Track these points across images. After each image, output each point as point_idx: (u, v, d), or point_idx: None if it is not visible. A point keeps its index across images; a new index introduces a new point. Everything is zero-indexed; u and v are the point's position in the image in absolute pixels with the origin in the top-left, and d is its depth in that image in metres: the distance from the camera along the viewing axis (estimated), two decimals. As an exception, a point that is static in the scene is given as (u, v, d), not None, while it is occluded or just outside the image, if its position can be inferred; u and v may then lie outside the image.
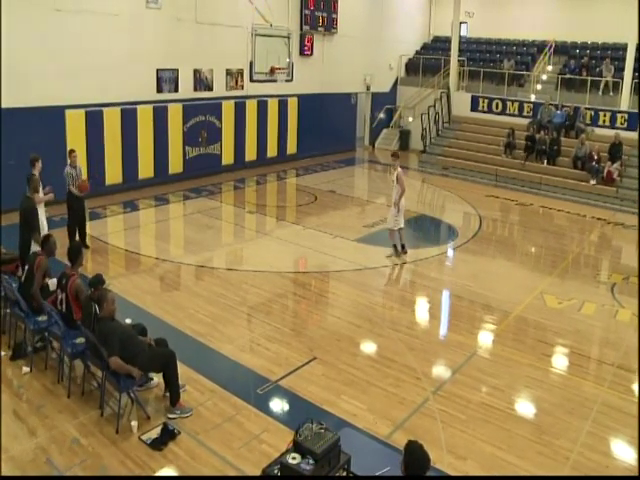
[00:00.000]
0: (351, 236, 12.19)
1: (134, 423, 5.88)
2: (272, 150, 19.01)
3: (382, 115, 23.80)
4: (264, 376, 6.92)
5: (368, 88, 22.88)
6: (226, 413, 6.19)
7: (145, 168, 15.28)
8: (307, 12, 19.32)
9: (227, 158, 17.56)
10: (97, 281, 6.50)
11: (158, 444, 5.66)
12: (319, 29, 19.94)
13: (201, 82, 16.54)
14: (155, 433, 5.80)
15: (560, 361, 7.96)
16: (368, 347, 7.94)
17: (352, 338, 8.03)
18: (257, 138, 18.37)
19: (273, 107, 18.68)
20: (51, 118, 13.02)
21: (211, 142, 16.96)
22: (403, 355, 7.61)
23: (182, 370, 6.45)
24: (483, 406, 6.61)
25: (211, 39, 16.35)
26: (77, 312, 6.68)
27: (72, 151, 10.74)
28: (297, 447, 4.78)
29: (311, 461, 4.64)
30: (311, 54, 19.84)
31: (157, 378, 6.50)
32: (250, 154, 18.24)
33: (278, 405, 6.52)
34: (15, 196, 9.19)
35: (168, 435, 5.79)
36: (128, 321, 7.32)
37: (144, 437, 5.73)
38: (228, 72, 17.22)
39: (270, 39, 15.99)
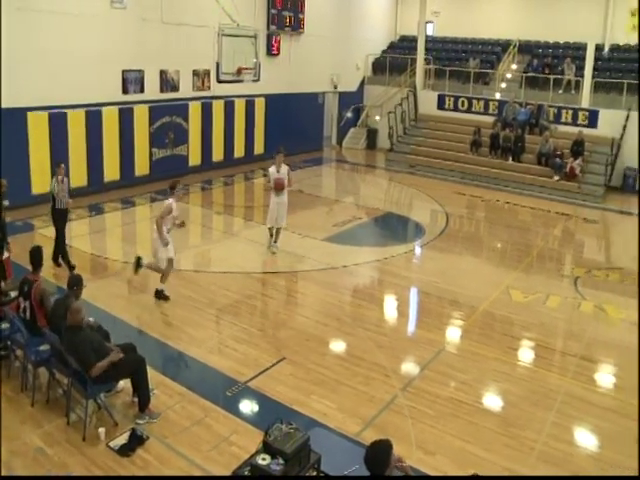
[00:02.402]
0: (319, 235, 12.21)
1: (101, 430, 5.79)
2: (239, 150, 18.91)
3: (349, 114, 23.86)
4: (233, 378, 6.90)
5: (335, 87, 22.92)
6: (195, 416, 6.15)
7: (111, 170, 15.06)
8: (274, 12, 19.23)
9: (194, 159, 17.42)
10: (76, 281, 6.45)
11: (126, 450, 5.60)
12: (286, 29, 19.88)
13: (167, 83, 16.37)
14: (123, 439, 5.73)
15: (526, 354, 8.12)
16: (337, 346, 7.97)
17: (321, 337, 8.05)
18: (224, 139, 18.26)
19: (240, 107, 18.59)
20: (12, 120, 12.74)
21: (178, 143, 16.80)
22: (372, 353, 7.65)
23: (150, 374, 6.37)
24: (452, 401, 6.70)
25: (177, 39, 16.19)
26: (41, 319, 6.55)
27: (60, 164, 9.85)
28: (267, 448, 4.78)
29: (281, 461, 4.65)
30: (278, 54, 19.79)
31: (123, 382, 6.42)
32: (217, 155, 18.13)
33: (247, 406, 6.51)
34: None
35: (136, 441, 5.72)
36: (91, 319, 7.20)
37: (112, 444, 5.66)
38: (195, 73, 17.08)
39: (237, 39, 15.90)
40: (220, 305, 8.95)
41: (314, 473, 5.00)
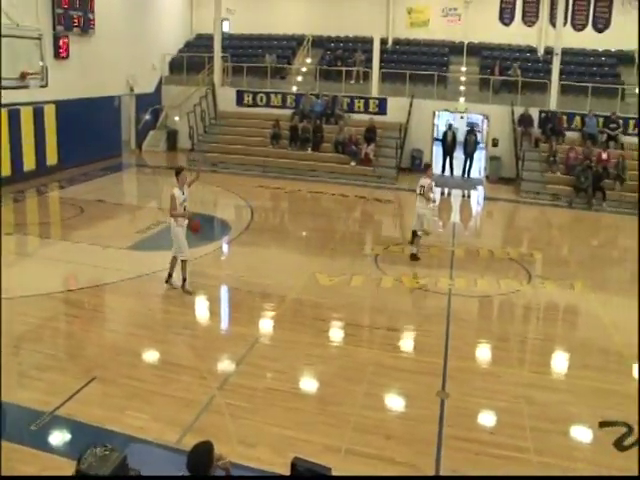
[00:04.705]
0: (123, 244, 11.67)
1: None
2: (29, 163, 17.35)
3: (148, 116, 23.11)
4: (38, 410, 6.32)
5: (132, 89, 22.05)
6: (-7, 463, 5.57)
7: None
8: (60, 11, 17.68)
9: (-25, 177, 15.72)
10: None
11: None
12: (75, 30, 18.55)
13: None
14: None
15: (336, 334, 8.57)
16: (150, 356, 7.74)
17: (132, 350, 7.75)
18: (10, 151, 16.63)
19: (27, 116, 17.04)
20: None
21: (-47, 160, 15.03)
22: (186, 357, 7.57)
23: None
24: (269, 391, 6.84)
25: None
26: None
27: None
28: (82, 477, 4.51)
29: (98, 487, 4.42)
30: (67, 56, 18.39)
31: None
32: (3, 170, 16.44)
33: (57, 437, 6.04)
34: None
35: None
36: None
37: None
38: (-32, 79, 15.31)
39: (18, 41, 14.48)
40: (17, 333, 8.16)
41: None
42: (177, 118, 22.91)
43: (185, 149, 21.79)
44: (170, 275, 9.63)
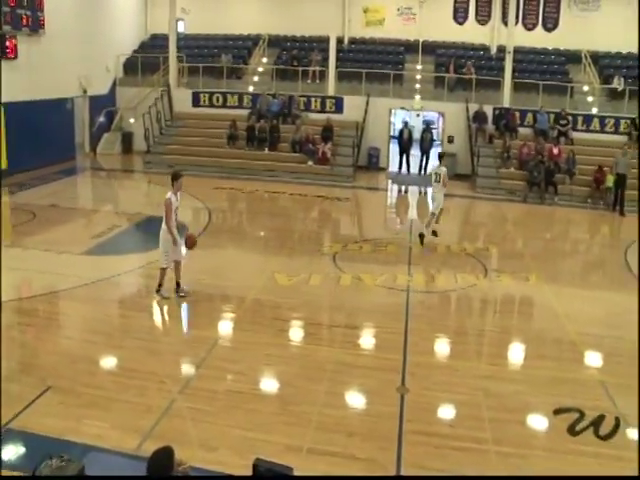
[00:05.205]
0: (78, 249, 11.43)
1: None
2: (-23, 168, 16.91)
3: (102, 119, 22.67)
4: None
5: (85, 91, 21.58)
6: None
7: None
8: (6, 9, 17.05)
9: None
10: None
11: None
12: (23, 29, 18.01)
13: None
14: None
15: (296, 333, 8.57)
16: (107, 362, 7.59)
17: (89, 357, 7.57)
18: (-44, 157, 16.18)
19: (-27, 120, 16.60)
20: None
21: None
22: (145, 362, 7.44)
23: None
24: (229, 393, 6.80)
25: None
26: None
27: None
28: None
29: (55, 499, 4.31)
30: (16, 57, 17.85)
31: None
32: (-50, 176, 16.00)
33: (11, 451, 5.82)
34: None
35: None
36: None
37: None
38: None
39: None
40: (-31, 344, 7.94)
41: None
42: (132, 120, 22.55)
43: (141, 151, 21.43)
44: (178, 284, 9.37)
